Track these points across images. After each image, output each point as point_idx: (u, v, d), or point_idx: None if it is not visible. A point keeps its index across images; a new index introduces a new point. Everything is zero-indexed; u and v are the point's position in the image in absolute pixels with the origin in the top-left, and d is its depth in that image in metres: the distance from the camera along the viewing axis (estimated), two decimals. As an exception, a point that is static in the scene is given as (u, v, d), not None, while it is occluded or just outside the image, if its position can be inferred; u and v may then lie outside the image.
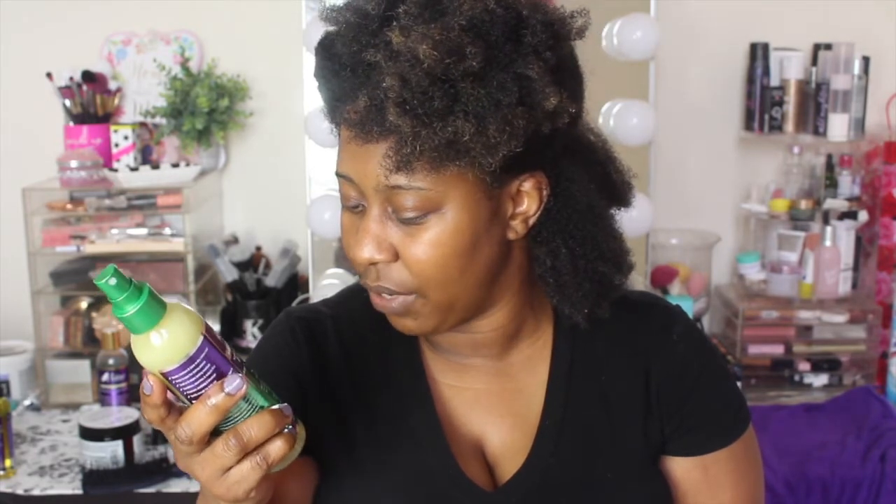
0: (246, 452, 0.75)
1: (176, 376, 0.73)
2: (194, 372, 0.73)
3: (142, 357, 0.73)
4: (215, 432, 0.76)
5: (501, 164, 0.81)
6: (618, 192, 0.97)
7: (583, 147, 0.94)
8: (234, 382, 0.73)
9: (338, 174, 0.87)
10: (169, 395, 0.75)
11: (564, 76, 0.84)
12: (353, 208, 0.87)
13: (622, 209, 0.98)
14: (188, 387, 0.73)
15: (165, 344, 0.72)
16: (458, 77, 0.78)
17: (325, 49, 0.86)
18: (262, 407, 0.76)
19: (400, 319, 0.89)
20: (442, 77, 0.77)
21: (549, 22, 0.82)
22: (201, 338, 0.73)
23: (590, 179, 0.93)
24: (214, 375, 0.73)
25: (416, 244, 0.84)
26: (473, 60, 0.77)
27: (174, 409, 0.75)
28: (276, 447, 0.76)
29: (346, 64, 0.83)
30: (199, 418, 0.73)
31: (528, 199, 0.87)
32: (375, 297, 0.89)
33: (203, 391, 0.73)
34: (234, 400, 0.73)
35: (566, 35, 0.85)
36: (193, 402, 0.74)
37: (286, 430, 0.77)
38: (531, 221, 0.89)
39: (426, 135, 0.78)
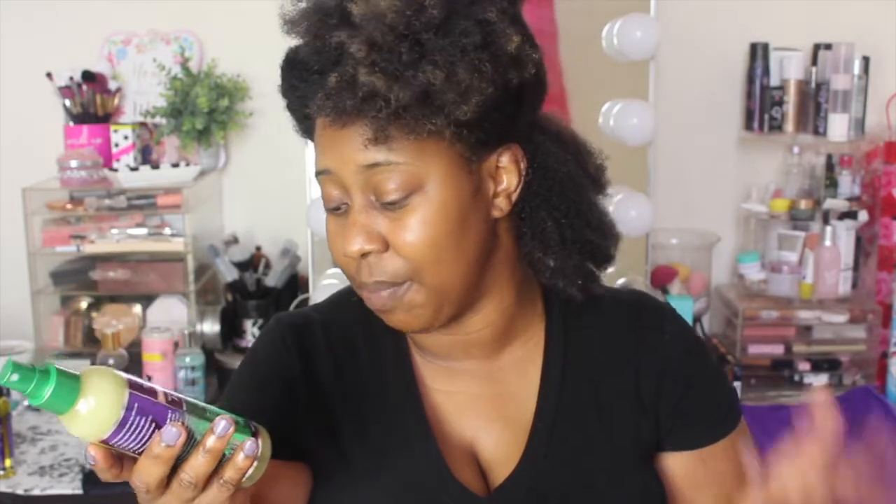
0: (203, 483, 0.74)
1: (115, 440, 0.72)
2: (131, 431, 0.71)
3: (78, 432, 0.71)
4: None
5: (476, 127, 0.82)
6: (592, 176, 0.98)
7: (552, 127, 0.96)
8: (171, 433, 0.71)
9: (317, 174, 0.88)
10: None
11: (522, 26, 0.86)
12: (336, 210, 0.87)
13: (601, 195, 0.99)
14: (131, 444, 0.72)
15: (93, 413, 0.70)
16: (420, 29, 0.80)
17: (290, 62, 0.88)
18: None
19: (394, 315, 0.89)
20: (405, 32, 0.79)
21: None
22: (127, 395, 0.71)
23: (565, 154, 0.95)
24: (153, 427, 0.72)
25: (404, 228, 0.84)
26: (434, 10, 0.80)
27: (127, 460, 0.74)
28: (235, 469, 0.74)
29: (312, 66, 0.84)
30: (147, 470, 0.73)
31: (507, 175, 0.89)
32: (370, 295, 0.88)
33: (146, 444, 0.72)
34: (175, 450, 0.72)
35: None
36: (140, 454, 0.73)
37: (242, 439, 0.75)
38: (514, 197, 0.90)
39: (399, 88, 0.79)
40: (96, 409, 0.70)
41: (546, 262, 0.92)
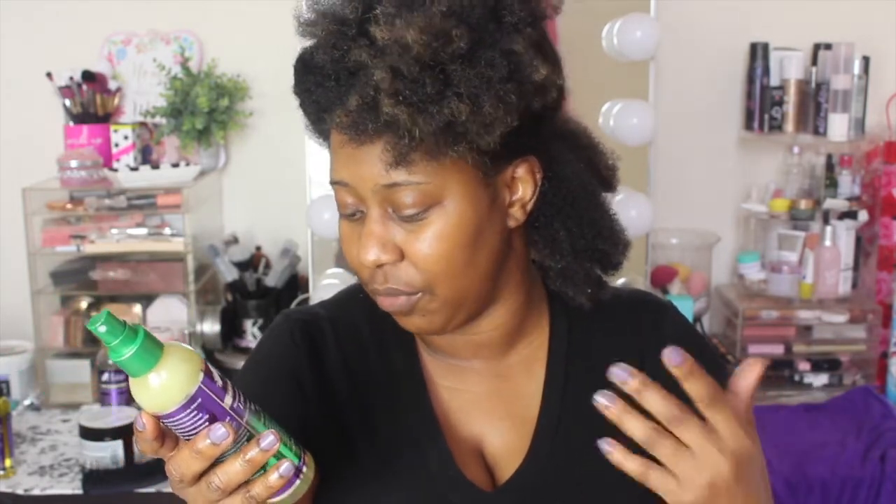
0: (231, 490, 0.74)
1: (168, 420, 0.72)
2: (187, 417, 0.71)
3: (141, 399, 0.72)
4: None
5: (495, 149, 0.81)
6: (603, 176, 0.99)
7: (568, 132, 0.96)
8: (219, 432, 0.71)
9: (332, 182, 0.87)
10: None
11: (546, 52, 0.86)
12: (351, 216, 0.87)
13: (610, 194, 1.00)
14: (182, 429, 0.72)
15: (164, 386, 0.71)
16: (446, 60, 0.78)
17: (305, 63, 0.87)
18: None
19: (409, 318, 0.89)
20: (431, 63, 0.78)
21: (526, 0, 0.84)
22: (198, 383, 0.71)
23: (579, 161, 0.95)
24: (208, 420, 0.72)
25: (421, 240, 0.84)
26: (461, 41, 0.78)
27: (168, 439, 0.74)
28: (265, 486, 0.74)
29: (329, 73, 0.83)
30: (186, 462, 0.73)
31: (523, 185, 0.89)
32: (383, 299, 0.88)
33: (194, 434, 0.72)
34: (219, 450, 0.72)
35: (543, 11, 0.86)
36: (188, 439, 0.73)
37: (282, 457, 0.75)
38: (528, 207, 0.90)
39: (423, 121, 0.78)
40: (165, 385, 0.71)
41: (557, 270, 0.93)
